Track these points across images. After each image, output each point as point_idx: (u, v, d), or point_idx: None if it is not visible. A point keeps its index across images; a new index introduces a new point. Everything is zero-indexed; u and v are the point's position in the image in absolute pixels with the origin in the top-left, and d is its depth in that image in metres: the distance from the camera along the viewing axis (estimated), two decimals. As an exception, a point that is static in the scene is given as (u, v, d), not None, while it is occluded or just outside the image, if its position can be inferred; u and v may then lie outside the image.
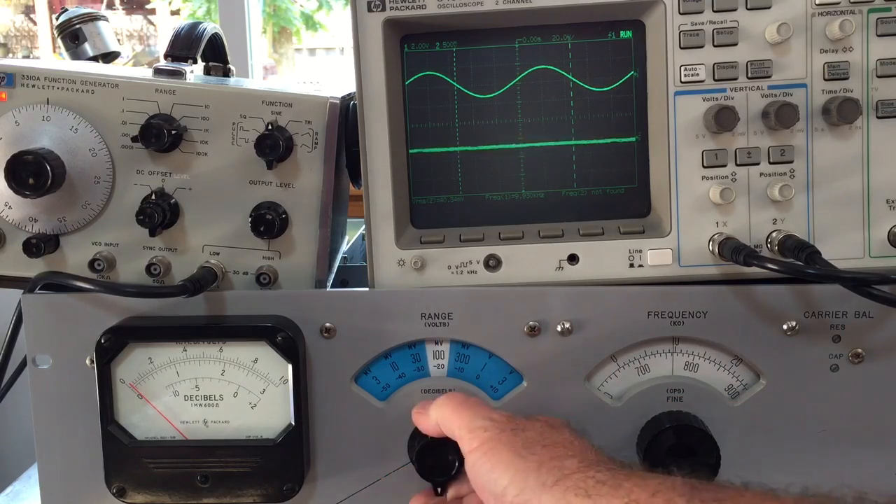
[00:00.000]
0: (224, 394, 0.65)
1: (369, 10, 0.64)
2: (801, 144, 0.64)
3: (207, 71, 0.80)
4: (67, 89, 0.65)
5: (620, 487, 0.46)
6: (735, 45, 0.63)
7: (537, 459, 0.49)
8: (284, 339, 0.63)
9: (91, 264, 0.66)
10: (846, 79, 0.63)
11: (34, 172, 0.61)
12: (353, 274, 0.84)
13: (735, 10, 0.63)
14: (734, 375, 0.65)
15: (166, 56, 0.71)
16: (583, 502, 0.45)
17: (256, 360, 0.64)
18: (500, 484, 0.49)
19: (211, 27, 0.75)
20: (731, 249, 0.62)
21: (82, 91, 0.65)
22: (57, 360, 0.66)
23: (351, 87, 0.67)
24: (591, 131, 0.66)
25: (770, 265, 0.59)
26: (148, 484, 0.65)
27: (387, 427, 0.66)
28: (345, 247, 0.88)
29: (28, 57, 4.17)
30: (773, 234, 0.64)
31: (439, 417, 0.58)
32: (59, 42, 0.86)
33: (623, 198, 0.67)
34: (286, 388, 0.64)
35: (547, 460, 0.49)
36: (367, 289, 0.66)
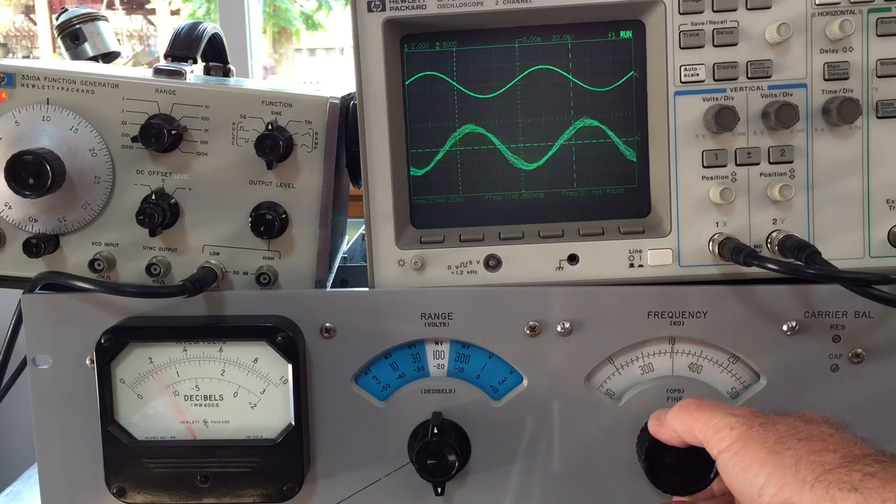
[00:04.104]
0: (224, 394, 0.65)
1: (369, 10, 0.64)
2: (801, 144, 0.64)
3: (207, 71, 0.80)
4: (67, 89, 0.65)
5: (895, 480, 0.42)
6: (735, 45, 0.63)
7: (793, 455, 0.45)
8: (284, 339, 0.63)
9: (91, 264, 0.66)
10: (846, 79, 0.63)
11: (34, 172, 0.61)
12: (353, 274, 0.84)
13: (735, 10, 0.63)
14: (734, 375, 0.65)
15: (166, 56, 0.71)
16: (850, 497, 0.42)
17: (256, 360, 0.64)
18: (756, 484, 0.46)
19: (211, 27, 0.75)
20: (731, 249, 0.62)
21: (82, 91, 0.65)
22: (57, 360, 0.66)
23: (351, 87, 0.67)
24: (591, 131, 0.66)
25: (770, 265, 0.59)
26: (148, 484, 0.65)
27: (387, 427, 0.66)
28: (345, 247, 0.88)
29: (28, 57, 4.16)
30: (773, 234, 0.64)
31: (678, 425, 0.54)
32: (59, 42, 0.86)
33: (623, 198, 0.67)
34: (286, 388, 0.64)
35: (804, 455, 0.45)
36: (367, 289, 0.66)
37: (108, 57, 0.86)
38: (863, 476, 0.42)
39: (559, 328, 0.64)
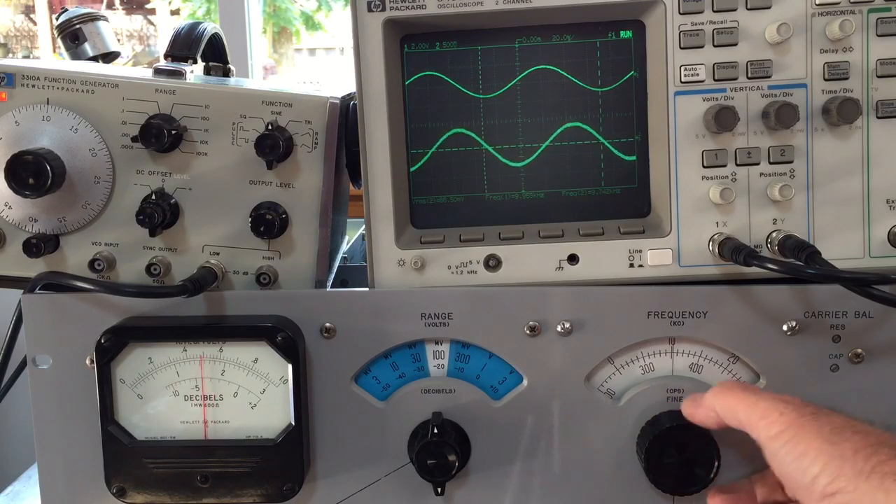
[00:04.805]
0: (224, 394, 0.65)
1: (369, 10, 0.64)
2: (801, 144, 0.64)
3: (207, 71, 0.80)
4: (67, 89, 0.65)
5: None
6: (735, 45, 0.63)
7: (852, 446, 0.46)
8: (284, 339, 0.63)
9: (91, 264, 0.66)
10: (846, 79, 0.63)
11: (34, 172, 0.61)
12: (353, 274, 0.84)
13: (735, 10, 0.63)
14: (734, 375, 0.65)
15: (166, 56, 0.71)
16: None
17: (256, 360, 0.64)
18: (811, 472, 0.46)
19: (211, 27, 0.75)
20: (731, 249, 0.62)
21: (82, 91, 0.65)
22: (57, 360, 0.66)
23: (351, 87, 0.67)
24: (591, 131, 0.66)
25: (770, 265, 0.59)
26: (148, 484, 0.65)
27: (387, 427, 0.66)
28: (345, 247, 0.88)
29: (28, 57, 4.16)
30: (773, 234, 0.64)
31: (720, 406, 0.54)
32: (59, 42, 0.86)
33: (623, 198, 0.67)
34: (286, 388, 0.64)
35: (862, 447, 0.46)
36: (367, 289, 0.66)
37: (108, 57, 0.86)
38: None
39: (559, 328, 0.64)
